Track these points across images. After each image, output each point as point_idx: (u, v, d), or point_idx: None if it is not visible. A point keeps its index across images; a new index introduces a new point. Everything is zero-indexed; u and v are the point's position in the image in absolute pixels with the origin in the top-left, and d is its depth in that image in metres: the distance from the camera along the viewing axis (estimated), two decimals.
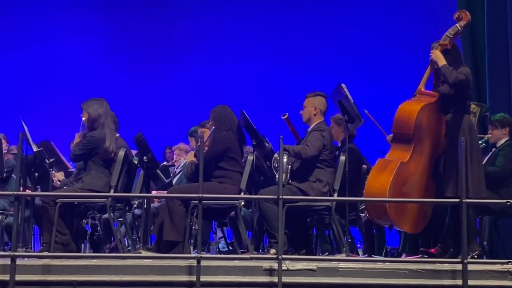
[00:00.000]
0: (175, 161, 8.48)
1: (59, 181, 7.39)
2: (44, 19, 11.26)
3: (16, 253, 4.93)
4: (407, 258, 5.56)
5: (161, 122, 10.12)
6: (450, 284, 4.76)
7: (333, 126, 6.55)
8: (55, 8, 11.24)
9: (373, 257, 6.12)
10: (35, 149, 6.63)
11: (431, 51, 5.40)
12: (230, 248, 7.18)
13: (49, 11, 11.25)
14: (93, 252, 6.84)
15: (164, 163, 8.42)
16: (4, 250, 6.72)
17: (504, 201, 5.33)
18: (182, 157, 8.12)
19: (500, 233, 6.55)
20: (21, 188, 6.10)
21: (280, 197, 4.94)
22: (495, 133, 6.42)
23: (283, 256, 4.80)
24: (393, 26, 10.77)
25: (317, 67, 10.62)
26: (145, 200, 6.75)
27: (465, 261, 4.65)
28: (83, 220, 6.86)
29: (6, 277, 4.76)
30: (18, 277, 4.75)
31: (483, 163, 5.78)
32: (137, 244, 6.74)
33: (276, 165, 5.68)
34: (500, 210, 5.95)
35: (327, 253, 6.40)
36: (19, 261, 4.87)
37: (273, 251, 5.44)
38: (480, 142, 5.97)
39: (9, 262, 4.78)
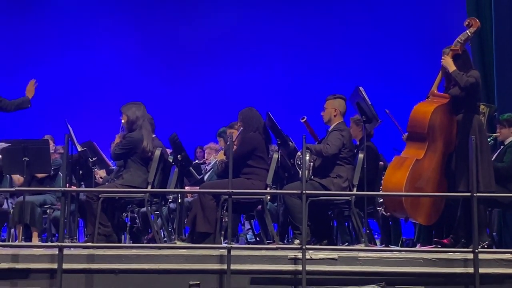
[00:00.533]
0: (206, 159, 8.49)
1: (101, 178, 7.48)
2: (84, 29, 11.31)
3: (63, 244, 5.01)
4: (422, 248, 5.58)
5: (192, 123, 10.13)
6: (462, 272, 4.77)
7: (352, 126, 6.55)
8: (94, 18, 11.30)
9: (390, 247, 6.11)
10: (79, 149, 6.71)
11: (442, 56, 5.41)
12: (257, 239, 7.18)
13: (89, 21, 11.30)
14: (133, 243, 6.87)
15: (196, 161, 8.45)
16: (52, 241, 6.84)
17: None
18: (212, 155, 8.13)
19: (509, 225, 6.51)
20: (67, 185, 6.18)
21: (304, 192, 4.97)
22: (503, 131, 6.38)
23: (307, 246, 4.83)
24: (407, 32, 10.69)
25: (336, 71, 10.57)
26: (179, 195, 6.80)
27: (476, 250, 4.66)
28: (123, 214, 6.89)
29: (54, 266, 4.84)
30: (65, 266, 4.82)
31: (492, 159, 5.74)
32: (172, 235, 6.74)
33: (299, 163, 5.68)
34: (508, 203, 5.92)
35: (346, 244, 6.40)
36: (66, 251, 4.94)
37: (297, 241, 5.46)
38: (489, 140, 5.96)
39: (57, 252, 4.84)
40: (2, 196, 7.14)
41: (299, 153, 5.86)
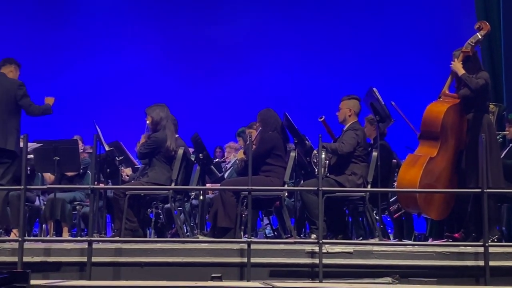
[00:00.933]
0: (226, 158, 8.49)
1: (127, 176, 7.51)
2: (110, 34, 11.32)
3: (92, 238, 5.07)
4: (434, 242, 5.55)
5: (213, 124, 10.14)
6: (473, 264, 4.76)
7: (366, 125, 6.52)
8: (119, 24, 11.31)
9: (403, 241, 6.09)
10: (107, 148, 6.76)
11: (452, 60, 5.39)
12: (275, 233, 7.19)
13: (114, 26, 11.31)
14: (157, 237, 6.89)
15: (216, 160, 8.46)
16: (81, 236, 6.88)
17: None
18: (232, 154, 8.13)
19: None
20: (96, 182, 6.21)
21: (320, 188, 5.00)
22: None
23: (323, 240, 4.85)
24: (418, 34, 10.61)
25: (350, 73, 10.53)
26: (201, 192, 6.85)
27: (487, 244, 4.65)
28: (148, 210, 6.91)
29: (84, 259, 4.89)
30: (94, 259, 4.88)
31: (501, 157, 5.70)
32: (195, 230, 6.80)
33: (316, 161, 5.68)
34: None
35: (361, 238, 6.38)
36: (94, 245, 4.99)
37: (314, 236, 5.44)
38: (498, 138, 5.90)
39: (86, 246, 4.91)
40: (34, 193, 7.20)
41: (315, 152, 5.86)
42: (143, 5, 11.48)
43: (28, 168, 5.68)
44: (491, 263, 4.62)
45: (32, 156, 6.51)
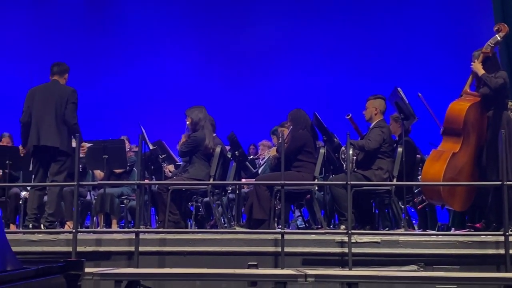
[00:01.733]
0: (260, 155, 8.51)
1: (170, 172, 7.55)
2: (153, 41, 11.43)
3: (138, 230, 5.13)
4: (457, 232, 5.47)
5: (247, 123, 10.15)
6: (494, 253, 4.71)
7: (391, 123, 6.45)
8: (161, 32, 11.38)
9: (427, 231, 6.02)
10: (151, 147, 6.84)
11: (472, 61, 5.32)
12: (307, 224, 7.18)
13: (157, 33, 11.40)
14: (198, 228, 6.94)
15: (251, 156, 8.47)
16: (129, 227, 6.96)
17: None
18: (266, 151, 8.14)
19: None
20: (141, 178, 6.27)
21: (348, 182, 4.98)
22: None
23: (352, 231, 4.84)
24: (439, 36, 10.51)
25: (376, 73, 10.43)
26: (237, 187, 6.86)
27: (507, 233, 4.59)
28: (189, 203, 6.94)
29: (132, 248, 4.96)
30: (141, 248, 4.94)
31: None
32: (232, 221, 6.82)
33: (344, 156, 5.65)
34: None
35: (387, 228, 6.32)
36: (141, 236, 5.06)
37: (343, 227, 5.42)
38: None
39: (134, 237, 4.98)
40: (86, 189, 7.30)
41: (343, 148, 5.83)
42: (183, 16, 11.54)
43: (80, 166, 5.74)
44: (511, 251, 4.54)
45: (83, 155, 6.59)
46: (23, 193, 6.91)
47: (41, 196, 6.02)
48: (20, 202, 6.94)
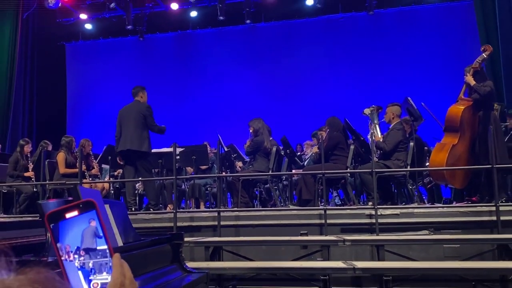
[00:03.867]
0: (304, 151, 8.54)
1: (239, 167, 7.71)
2: (219, 66, 11.52)
3: (219, 209, 5.22)
4: (458, 204, 5.39)
5: (295, 128, 10.14)
6: (488, 220, 4.63)
7: (404, 125, 6.40)
8: (228, 60, 11.50)
9: (435, 204, 5.93)
10: (225, 149, 7.00)
11: (465, 74, 5.24)
12: (342, 202, 7.17)
13: (226, 60, 11.52)
14: (262, 207, 7.04)
15: (298, 153, 8.51)
16: (212, 208, 7.11)
17: None
18: (309, 149, 8.18)
19: None
20: (220, 172, 6.43)
21: (373, 170, 4.98)
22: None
23: (377, 206, 4.83)
24: (440, 56, 10.20)
25: (390, 84, 10.27)
26: (289, 176, 6.94)
27: (497, 204, 4.50)
28: (254, 188, 6.99)
29: (215, 223, 5.02)
30: (222, 223, 5.03)
31: (505, 141, 5.48)
32: (286, 201, 6.90)
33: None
34: None
35: (404, 203, 6.27)
36: (222, 214, 5.13)
37: (370, 203, 5.42)
38: (502, 127, 5.68)
39: (216, 214, 5.08)
40: (181, 181, 7.50)
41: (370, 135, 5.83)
42: (243, 49, 11.57)
43: (177, 164, 5.87)
44: (502, 218, 4.46)
45: (178, 157, 6.81)
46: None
47: (134, 187, 6.22)
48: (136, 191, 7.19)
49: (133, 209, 5.96)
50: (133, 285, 0.74)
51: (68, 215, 0.72)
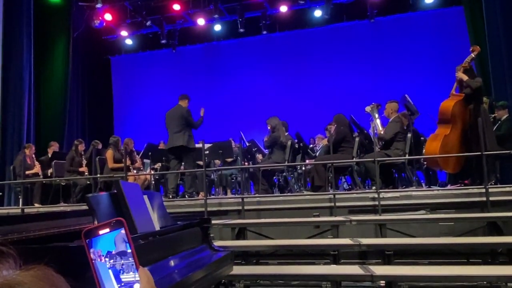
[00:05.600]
0: (316, 144, 8.51)
1: (260, 159, 7.74)
2: (240, 72, 11.52)
3: (243, 196, 5.26)
4: (452, 187, 5.29)
5: (307, 124, 10.07)
6: (479, 200, 4.53)
7: (401, 118, 6.30)
8: (245, 61, 11.54)
9: (431, 187, 5.84)
10: (247, 144, 7.03)
11: (456, 72, 5.11)
12: (350, 187, 7.12)
13: (242, 67, 11.55)
14: (280, 193, 7.05)
15: (311, 145, 8.49)
16: (237, 194, 7.13)
17: (508, 152, 4.93)
18: (320, 141, 8.15)
19: (505, 169, 5.92)
20: (243, 163, 6.47)
21: (375, 159, 4.93)
22: (499, 113, 5.92)
23: (380, 190, 4.79)
24: (432, 55, 10.01)
25: (390, 81, 10.10)
26: (303, 166, 6.91)
27: (486, 186, 4.41)
28: (273, 177, 7.03)
29: (240, 207, 5.04)
30: (246, 207, 5.03)
31: (493, 130, 5.34)
32: (301, 187, 6.90)
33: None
34: (505, 156, 5.41)
35: (404, 186, 6.18)
36: (245, 199, 5.13)
37: (373, 187, 5.37)
38: (490, 118, 5.52)
39: (241, 200, 5.05)
40: (211, 172, 7.57)
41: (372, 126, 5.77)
42: (262, 53, 11.49)
43: (206, 158, 5.95)
44: (491, 198, 4.38)
45: (207, 151, 6.88)
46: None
47: (176, 178, 6.35)
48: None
49: (170, 196, 6.06)
50: None
51: (101, 232, 0.74)
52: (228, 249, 2.52)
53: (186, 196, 6.10)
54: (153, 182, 7.35)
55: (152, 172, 7.59)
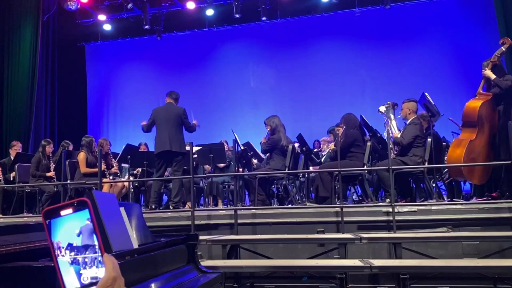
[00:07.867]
0: (321, 148, 8.50)
1: (255, 164, 7.72)
2: (235, 63, 11.44)
3: (237, 207, 5.21)
4: (477, 200, 5.29)
5: (311, 126, 10.08)
6: (508, 216, 4.55)
7: (421, 120, 6.31)
8: (247, 60, 11.53)
9: (454, 201, 5.84)
10: (242, 147, 6.99)
11: (483, 69, 5.13)
12: (360, 198, 7.13)
13: (237, 58, 11.44)
14: (279, 205, 7.01)
15: (315, 150, 8.48)
16: (230, 206, 7.10)
17: None
18: (326, 145, 8.14)
19: None
20: (237, 170, 6.44)
21: (390, 167, 4.93)
22: None
23: (395, 203, 4.78)
24: (456, 51, 10.06)
25: (408, 80, 10.13)
26: (306, 173, 6.91)
27: None
28: (272, 186, 7.03)
29: (232, 221, 5.05)
30: (239, 221, 5.03)
31: None
32: (303, 199, 6.89)
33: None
34: None
35: (422, 199, 6.19)
36: (239, 212, 5.14)
37: (387, 200, 5.37)
38: None
39: (234, 212, 5.05)
40: (199, 179, 7.55)
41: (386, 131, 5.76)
42: (262, 49, 11.56)
43: (194, 163, 5.96)
44: None
45: (196, 155, 6.85)
46: None
47: (161, 185, 6.39)
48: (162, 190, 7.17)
49: (153, 206, 6.03)
50: (121, 280, 0.77)
51: (63, 213, 0.76)
52: (218, 270, 2.51)
53: (171, 207, 6.08)
54: (132, 190, 7.33)
55: (131, 178, 7.57)
